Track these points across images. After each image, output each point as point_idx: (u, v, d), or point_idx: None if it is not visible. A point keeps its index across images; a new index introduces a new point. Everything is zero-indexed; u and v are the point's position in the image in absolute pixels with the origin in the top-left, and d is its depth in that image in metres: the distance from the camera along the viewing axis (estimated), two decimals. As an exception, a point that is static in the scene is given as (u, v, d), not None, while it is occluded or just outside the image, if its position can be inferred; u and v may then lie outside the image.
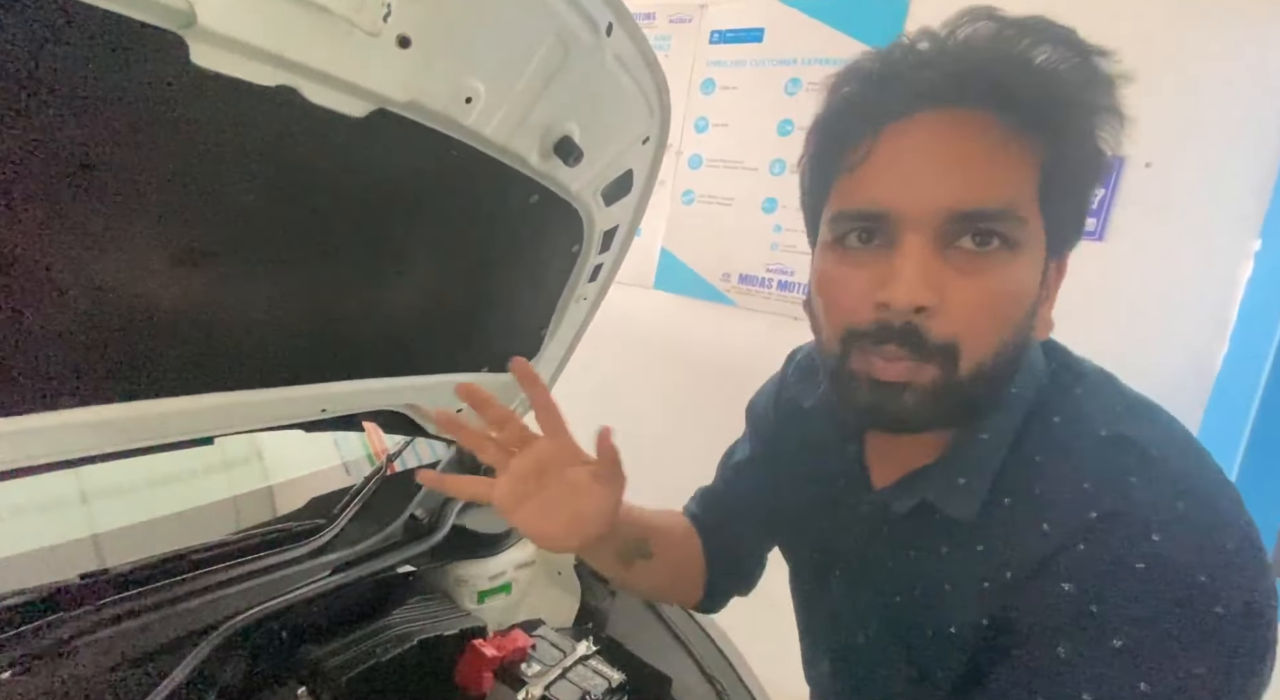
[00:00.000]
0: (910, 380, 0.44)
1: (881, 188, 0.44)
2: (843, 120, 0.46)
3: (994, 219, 0.42)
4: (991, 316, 0.44)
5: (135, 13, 0.36)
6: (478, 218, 0.76)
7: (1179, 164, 1.37)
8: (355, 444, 1.22)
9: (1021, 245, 0.43)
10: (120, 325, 0.54)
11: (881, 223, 0.44)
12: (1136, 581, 0.39)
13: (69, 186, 0.43)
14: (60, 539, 0.84)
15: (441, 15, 0.49)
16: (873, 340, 0.44)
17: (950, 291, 0.43)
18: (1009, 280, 0.43)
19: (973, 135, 0.42)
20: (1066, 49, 0.42)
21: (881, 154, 0.44)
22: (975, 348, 0.44)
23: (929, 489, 0.50)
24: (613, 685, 0.83)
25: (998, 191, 0.42)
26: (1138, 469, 0.42)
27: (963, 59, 0.42)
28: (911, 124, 0.43)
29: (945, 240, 0.43)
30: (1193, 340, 1.36)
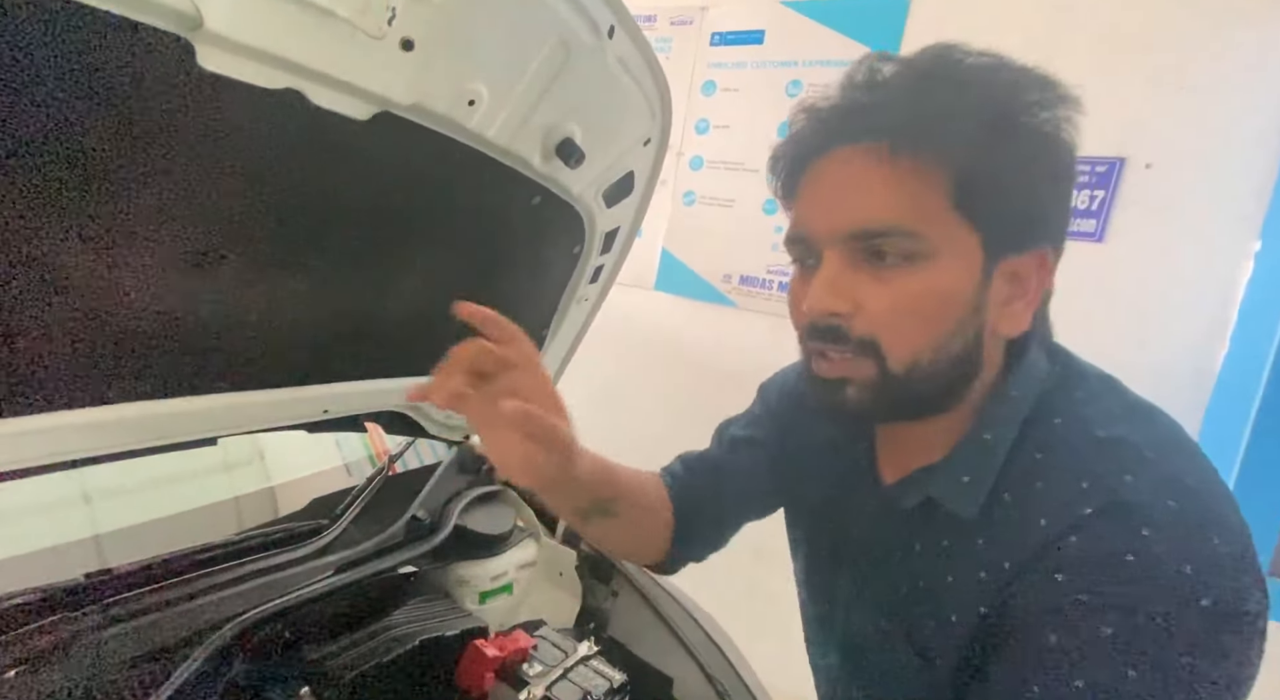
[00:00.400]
0: (848, 375, 0.50)
1: (803, 215, 0.52)
2: (783, 166, 0.56)
3: (880, 236, 0.47)
4: (907, 316, 0.48)
5: (143, 17, 0.37)
6: (480, 219, 0.77)
7: (1179, 165, 1.38)
8: (357, 445, 1.22)
9: (923, 256, 0.47)
10: (124, 327, 0.54)
11: (807, 244, 0.52)
12: (1126, 572, 0.41)
13: (74, 188, 0.43)
14: (63, 539, 0.85)
15: (445, 19, 0.49)
16: (808, 339, 0.52)
17: (866, 298, 0.48)
18: (919, 285, 0.47)
19: (868, 163, 0.48)
20: (945, 81, 0.46)
21: (806, 188, 0.52)
22: (899, 345, 0.48)
23: (934, 486, 0.53)
24: (614, 686, 0.84)
25: (883, 212, 0.47)
26: (1133, 468, 0.44)
27: (852, 100, 0.49)
28: (825, 160, 0.51)
29: (858, 255, 0.49)
30: (1193, 340, 1.36)
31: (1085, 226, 1.44)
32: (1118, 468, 0.44)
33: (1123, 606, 0.41)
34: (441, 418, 1.03)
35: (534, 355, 0.54)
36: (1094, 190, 1.43)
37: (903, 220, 0.46)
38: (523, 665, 0.85)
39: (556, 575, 1.14)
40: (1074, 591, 0.42)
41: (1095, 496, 0.44)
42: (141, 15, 0.37)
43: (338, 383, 0.79)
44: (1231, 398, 1.28)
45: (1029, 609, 0.45)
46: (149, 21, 0.37)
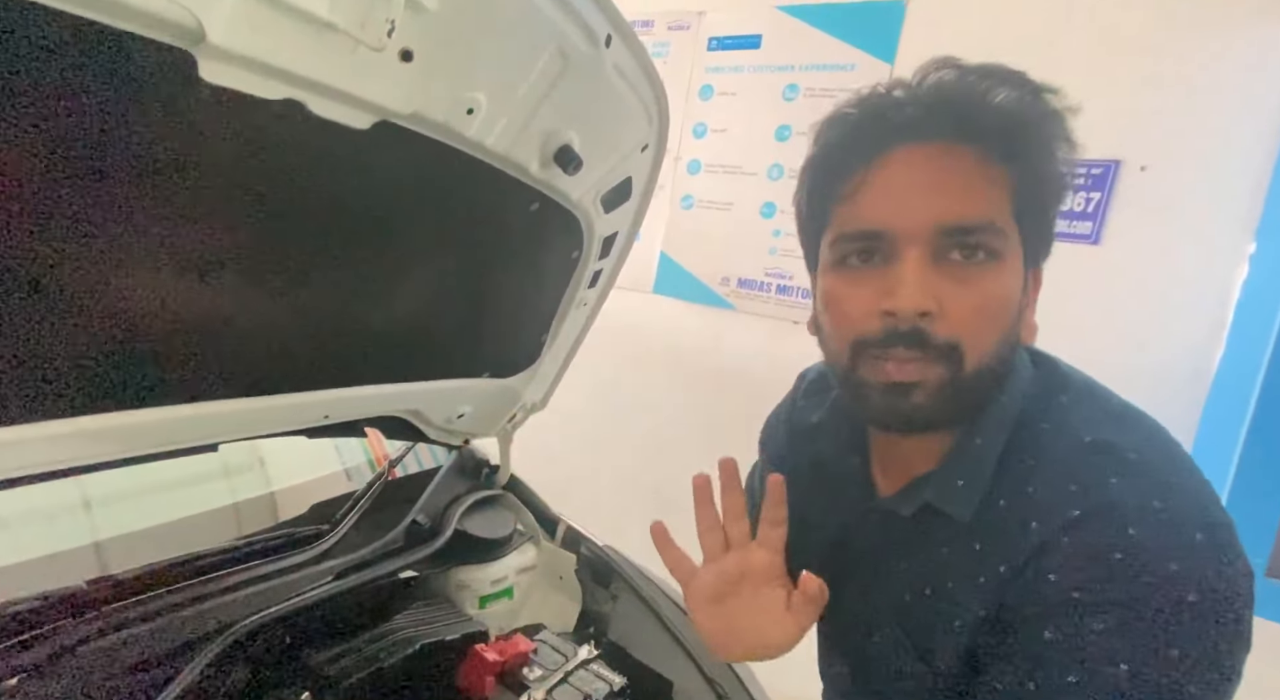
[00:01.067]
0: (921, 379, 0.48)
1: (877, 210, 0.50)
2: (835, 156, 0.53)
3: (978, 231, 0.48)
4: (987, 319, 0.49)
5: (146, 31, 0.37)
6: (480, 225, 0.77)
7: (1174, 167, 1.38)
8: (356, 450, 1.23)
9: (1003, 255, 0.49)
10: (125, 334, 0.55)
11: (879, 241, 0.50)
12: (1115, 570, 0.42)
13: (77, 198, 0.44)
14: (64, 546, 0.85)
15: (443, 30, 0.49)
16: (882, 345, 0.49)
17: (947, 299, 0.48)
18: (997, 286, 0.49)
19: (948, 163, 0.48)
20: (1019, 88, 0.48)
21: (873, 182, 0.50)
22: (976, 348, 0.48)
23: (930, 492, 0.53)
24: (614, 689, 0.84)
25: (977, 208, 0.48)
26: (1118, 470, 0.46)
27: (934, 99, 0.49)
28: (895, 156, 0.50)
29: (938, 254, 0.48)
30: (1189, 342, 1.37)
31: (1081, 229, 1.45)
32: (1104, 470, 0.46)
33: (1113, 603, 0.42)
34: (441, 422, 1.03)
35: None
36: (1090, 193, 1.44)
37: (992, 214, 0.48)
38: (523, 669, 0.86)
39: (556, 579, 1.14)
40: (1066, 590, 0.44)
41: (1083, 499, 0.45)
42: (145, 30, 0.37)
43: (338, 388, 0.80)
44: (1228, 398, 1.29)
45: (1025, 608, 0.46)
46: (152, 36, 0.38)
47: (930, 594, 0.54)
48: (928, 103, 0.49)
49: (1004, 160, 0.48)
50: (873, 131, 0.50)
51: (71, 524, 0.88)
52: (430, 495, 1.08)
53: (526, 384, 1.08)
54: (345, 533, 0.94)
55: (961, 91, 0.48)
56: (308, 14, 0.42)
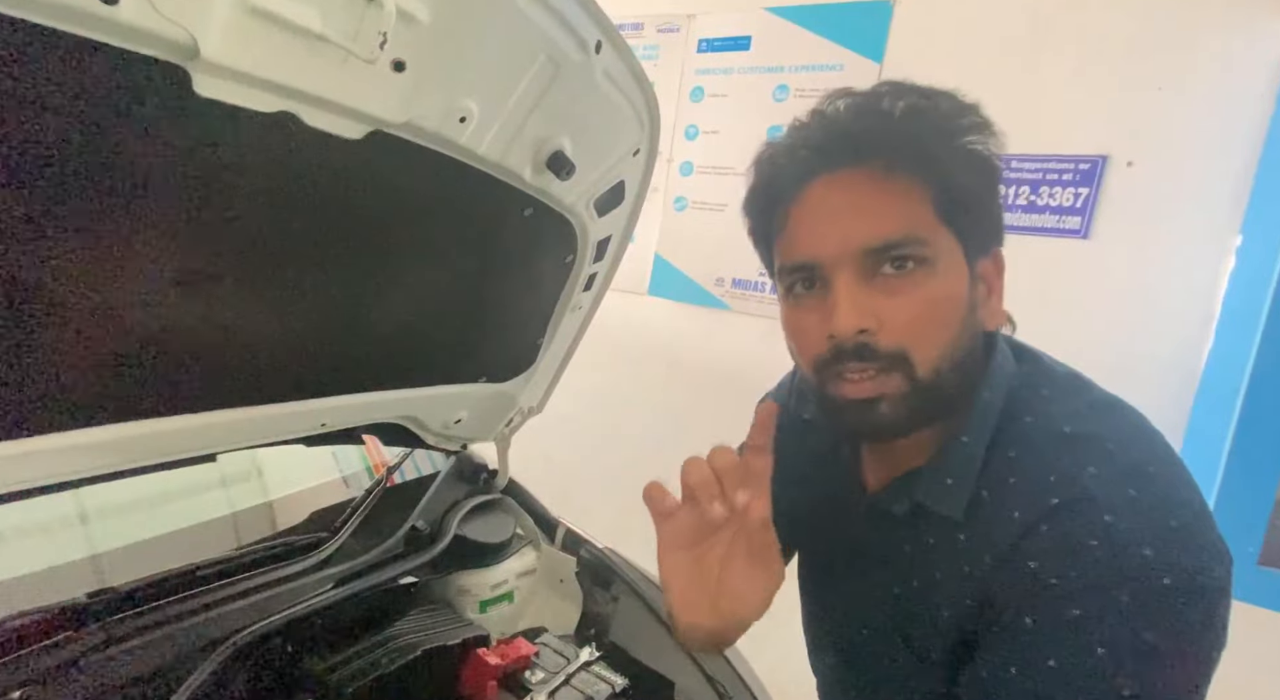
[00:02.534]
0: (880, 393, 0.50)
1: (803, 243, 0.53)
2: (762, 197, 0.57)
3: (900, 246, 0.49)
4: (928, 323, 0.50)
5: (142, 48, 0.38)
6: (474, 232, 0.77)
7: (1161, 162, 1.40)
8: (354, 457, 1.23)
9: (934, 261, 0.50)
10: (121, 346, 0.55)
11: (814, 270, 0.52)
12: (1091, 557, 0.44)
13: (73, 212, 0.44)
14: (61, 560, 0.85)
15: (434, 40, 0.50)
16: (835, 362, 0.51)
17: (884, 311, 0.50)
18: (932, 291, 0.50)
19: (859, 185, 0.51)
20: (913, 97, 0.50)
21: (797, 217, 0.53)
22: (924, 352, 0.50)
23: (920, 491, 0.54)
24: (616, 690, 0.84)
25: (894, 224, 0.49)
26: (1095, 461, 0.47)
27: (830, 130, 0.52)
28: (812, 189, 0.52)
29: (868, 272, 0.50)
30: (1178, 334, 1.39)
31: (1070, 224, 1.47)
32: (1082, 461, 0.47)
33: (1089, 588, 0.43)
34: (438, 428, 1.04)
35: None
36: (1078, 188, 1.46)
37: (914, 229, 0.49)
38: (525, 672, 0.86)
39: (557, 582, 1.14)
40: (1045, 577, 0.45)
41: (1061, 489, 0.46)
42: (140, 46, 0.37)
43: (335, 396, 0.80)
44: (1217, 390, 1.30)
45: (1007, 596, 0.47)
46: (147, 52, 0.38)
47: (918, 586, 0.55)
48: (829, 132, 0.51)
49: (913, 169, 0.49)
50: (787, 170, 0.54)
51: (69, 537, 0.88)
52: (429, 501, 1.08)
53: (523, 388, 1.08)
54: (344, 540, 0.95)
55: (858, 114, 0.51)
56: (300, 27, 0.42)
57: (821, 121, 0.52)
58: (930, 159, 0.49)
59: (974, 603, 0.50)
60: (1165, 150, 1.39)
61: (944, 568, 0.53)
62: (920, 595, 0.55)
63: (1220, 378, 1.30)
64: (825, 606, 0.68)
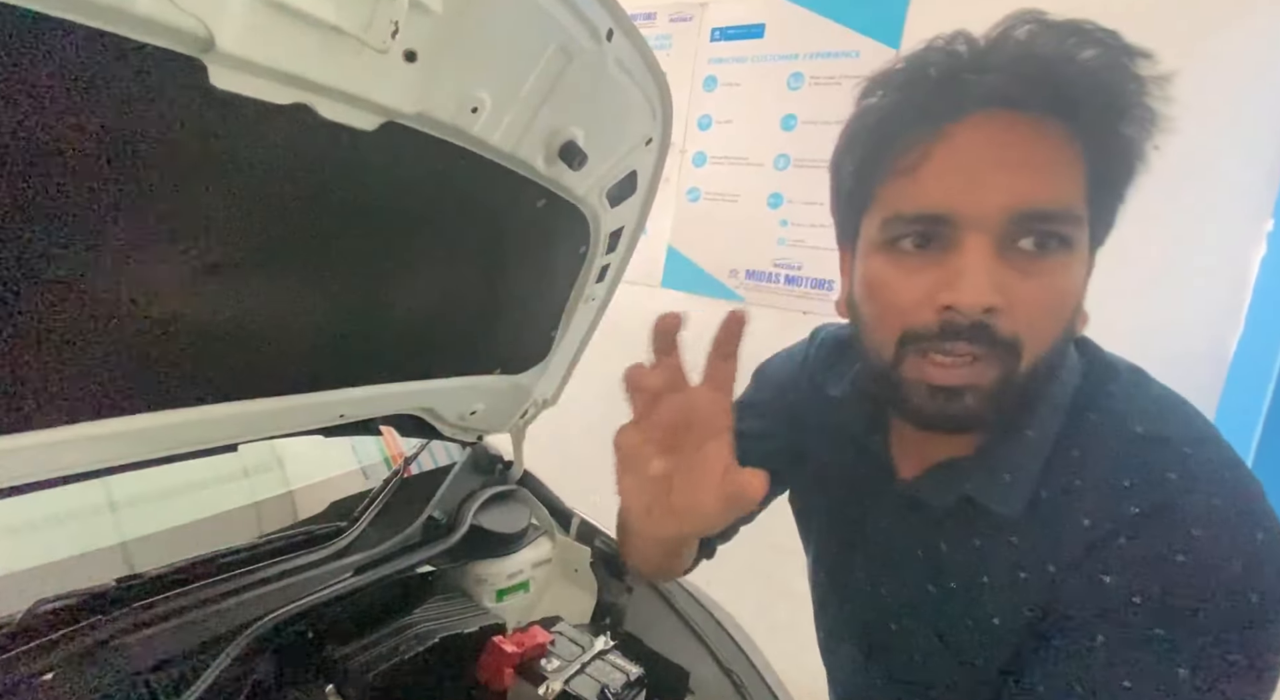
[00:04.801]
0: (971, 383, 0.44)
1: (943, 190, 0.43)
2: (892, 123, 0.46)
3: (1056, 220, 0.42)
4: (1051, 315, 0.44)
5: (158, 40, 0.38)
6: (487, 223, 0.78)
7: (1188, 146, 1.36)
8: (373, 448, 1.24)
9: (1076, 245, 0.44)
10: (146, 338, 0.56)
11: (941, 226, 0.44)
12: (1178, 573, 0.40)
13: (93, 205, 0.45)
14: (92, 547, 0.87)
15: (446, 30, 0.50)
16: (940, 338, 0.44)
17: (1014, 293, 0.43)
18: (1067, 280, 0.44)
19: (1031, 137, 0.42)
20: (1109, 51, 0.42)
21: (939, 156, 0.44)
22: (1036, 345, 0.44)
23: (969, 484, 0.50)
24: (631, 678, 0.85)
25: (1059, 192, 0.42)
26: (1174, 466, 0.43)
27: (1020, 62, 0.42)
28: (967, 126, 0.43)
29: (1006, 241, 0.43)
30: (1208, 320, 1.35)
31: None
32: (1160, 465, 0.43)
33: (1176, 607, 0.40)
34: (454, 419, 1.04)
35: None
36: (1101, 174, 1.42)
37: (1072, 199, 0.43)
38: (541, 660, 0.87)
39: (572, 572, 1.15)
40: (1125, 593, 0.42)
41: (1141, 496, 0.43)
42: (156, 39, 0.38)
43: (353, 388, 0.81)
44: (1247, 378, 1.27)
45: (1075, 610, 0.44)
46: (163, 44, 0.38)
47: (957, 588, 0.51)
48: (1009, 65, 0.42)
49: (1084, 134, 0.42)
50: (941, 95, 0.43)
51: (99, 525, 0.90)
52: (445, 491, 1.09)
53: (538, 380, 1.09)
54: (363, 529, 0.96)
55: (1046, 52, 0.41)
56: (314, 18, 0.42)
57: (1011, 45, 0.43)
58: (1111, 131, 0.42)
59: (1033, 612, 0.47)
60: (1193, 134, 1.35)
61: (993, 572, 0.49)
62: (962, 598, 0.51)
63: (1250, 366, 1.27)
64: (845, 595, 0.65)
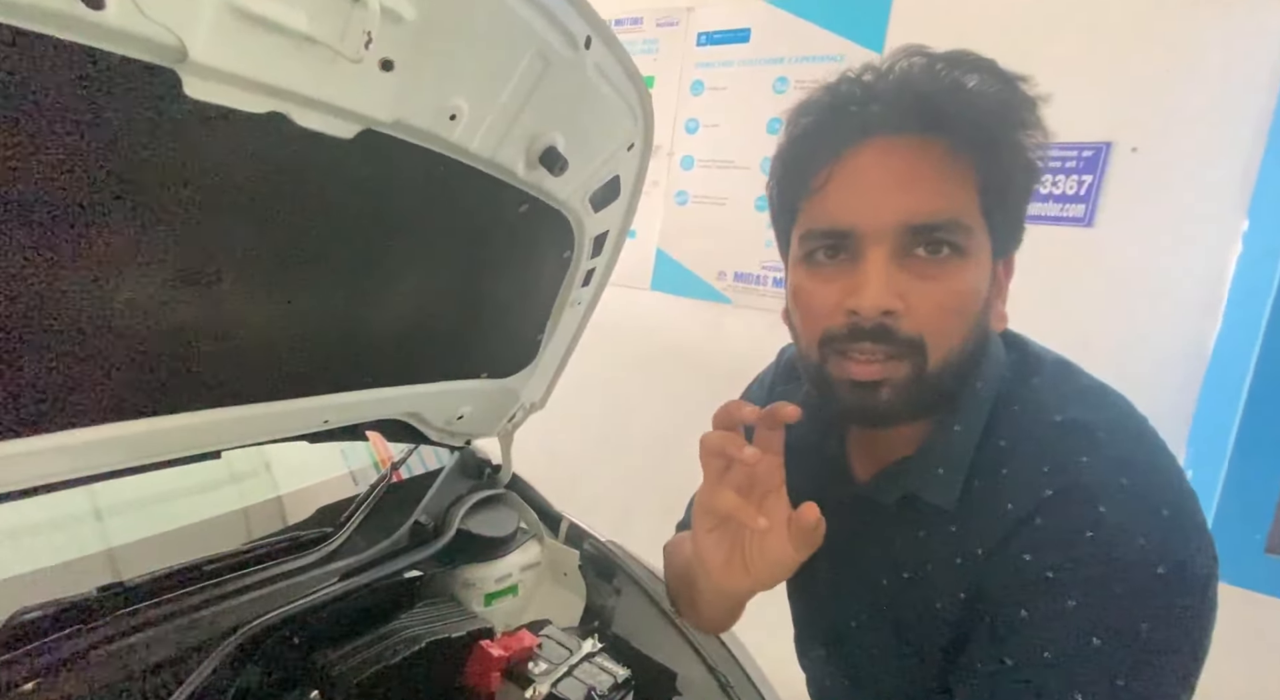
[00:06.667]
0: (885, 377, 0.49)
1: (843, 208, 0.49)
2: (803, 149, 0.52)
3: (943, 229, 0.47)
4: (951, 315, 0.48)
5: (129, 51, 0.38)
6: (469, 229, 0.78)
7: (1166, 148, 1.38)
8: (362, 453, 1.24)
9: (968, 252, 0.48)
10: (126, 346, 0.56)
11: (845, 239, 0.49)
12: (1087, 548, 0.43)
13: (73, 215, 0.45)
14: (77, 554, 0.87)
15: (421, 39, 0.50)
16: (848, 340, 0.49)
17: (912, 296, 0.47)
18: (962, 282, 0.48)
19: (918, 157, 0.47)
20: (990, 77, 0.47)
21: (840, 178, 0.49)
22: (940, 343, 0.48)
23: (911, 481, 0.54)
24: (618, 680, 0.85)
25: (944, 205, 0.47)
26: (1087, 449, 0.46)
27: (903, 91, 0.48)
28: (864, 150, 0.49)
29: (903, 251, 0.48)
30: (1185, 321, 1.37)
31: (1074, 211, 1.45)
32: (1074, 450, 0.46)
33: (1085, 579, 0.43)
34: (441, 424, 1.05)
35: None
36: (1081, 175, 1.44)
37: (961, 213, 0.47)
38: (528, 664, 0.87)
39: (561, 575, 1.15)
40: (1041, 569, 0.45)
41: (1055, 479, 0.46)
42: (128, 50, 0.38)
43: (337, 393, 0.81)
44: (1225, 376, 1.29)
45: (1001, 588, 0.47)
46: (135, 56, 0.39)
47: (909, 578, 0.54)
48: (896, 93, 0.48)
49: (972, 152, 0.47)
50: (841, 125, 0.49)
51: (84, 532, 0.90)
52: (433, 496, 1.10)
53: (525, 383, 1.09)
54: (350, 535, 0.96)
55: (931, 81, 0.47)
56: (287, 28, 0.43)
57: (892, 79, 0.48)
58: (993, 146, 0.47)
59: (966, 595, 0.50)
60: (1170, 136, 1.37)
61: (935, 560, 0.52)
62: (911, 587, 0.54)
63: (1227, 364, 1.29)
64: (812, 598, 0.68)
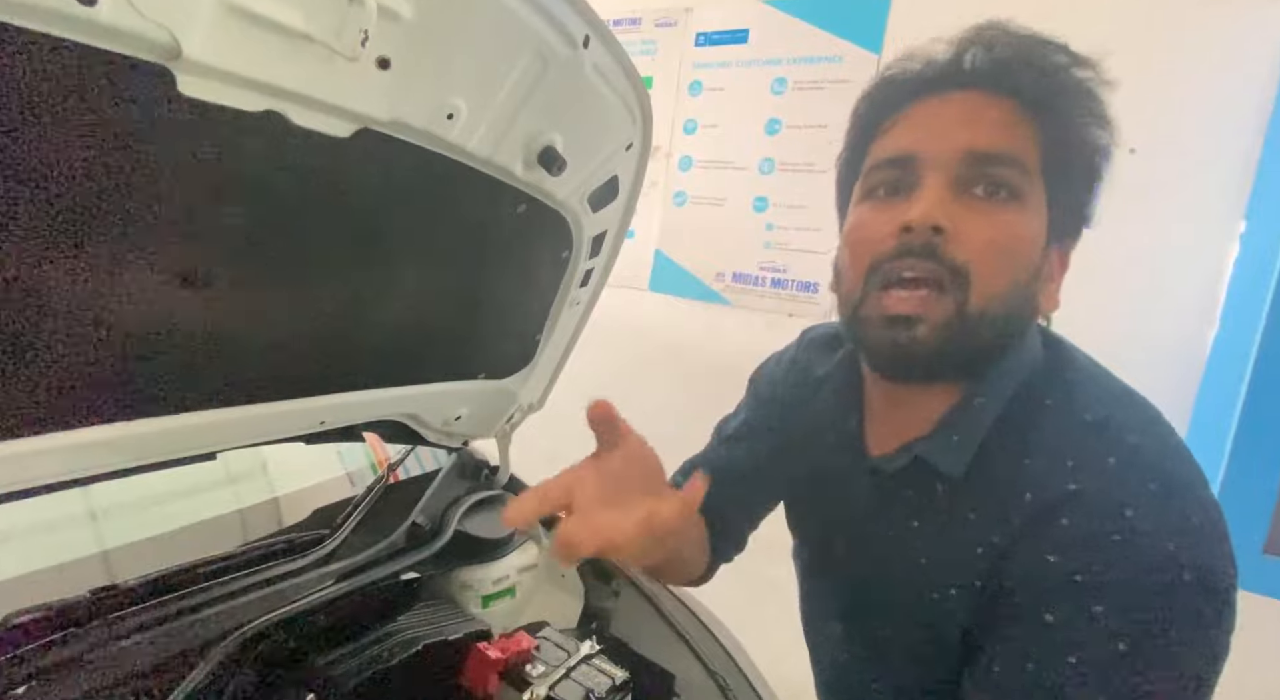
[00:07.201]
0: (924, 312, 0.49)
1: (908, 137, 0.53)
2: (876, 100, 0.56)
3: (1002, 163, 0.49)
4: (999, 253, 0.49)
5: (123, 48, 0.38)
6: (467, 229, 0.78)
7: (1163, 149, 1.38)
8: (359, 454, 1.24)
9: (1024, 197, 0.50)
10: (120, 347, 0.56)
11: (907, 167, 0.52)
12: (1114, 552, 0.43)
13: (68, 215, 0.44)
14: (71, 557, 0.86)
15: (418, 37, 0.50)
16: (895, 257, 0.50)
17: (962, 222, 0.49)
18: (1015, 224, 0.50)
19: (986, 105, 0.51)
20: (1065, 55, 0.51)
21: (909, 119, 0.54)
22: (986, 279, 0.49)
23: (921, 446, 0.54)
24: (616, 683, 0.85)
25: (1006, 142, 0.50)
26: (1116, 452, 0.46)
27: (988, 56, 0.52)
28: (933, 99, 0.53)
29: (961, 183, 0.50)
30: (1183, 321, 1.37)
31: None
32: (1103, 450, 0.46)
33: (1112, 584, 0.43)
34: (439, 425, 1.04)
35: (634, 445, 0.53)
36: (1080, 177, 1.44)
37: (1018, 151, 0.49)
38: (526, 666, 0.86)
39: (558, 577, 1.15)
40: (1067, 572, 0.44)
41: (1079, 476, 0.46)
42: (122, 48, 0.38)
43: (334, 394, 0.80)
44: (1222, 377, 1.29)
45: (1024, 589, 0.47)
46: (129, 53, 0.38)
47: (925, 562, 0.54)
48: (970, 54, 0.52)
49: (1035, 115, 0.50)
50: (913, 81, 0.54)
51: (79, 535, 0.89)
52: (430, 497, 1.09)
53: (523, 384, 1.08)
54: (346, 536, 0.95)
55: (1017, 52, 0.51)
56: (283, 26, 0.42)
57: (981, 48, 0.52)
58: (1056, 114, 0.50)
59: (983, 583, 0.50)
60: (1168, 137, 1.38)
61: (952, 544, 0.52)
62: (927, 570, 0.54)
63: (1225, 366, 1.29)
64: (827, 578, 0.68)
